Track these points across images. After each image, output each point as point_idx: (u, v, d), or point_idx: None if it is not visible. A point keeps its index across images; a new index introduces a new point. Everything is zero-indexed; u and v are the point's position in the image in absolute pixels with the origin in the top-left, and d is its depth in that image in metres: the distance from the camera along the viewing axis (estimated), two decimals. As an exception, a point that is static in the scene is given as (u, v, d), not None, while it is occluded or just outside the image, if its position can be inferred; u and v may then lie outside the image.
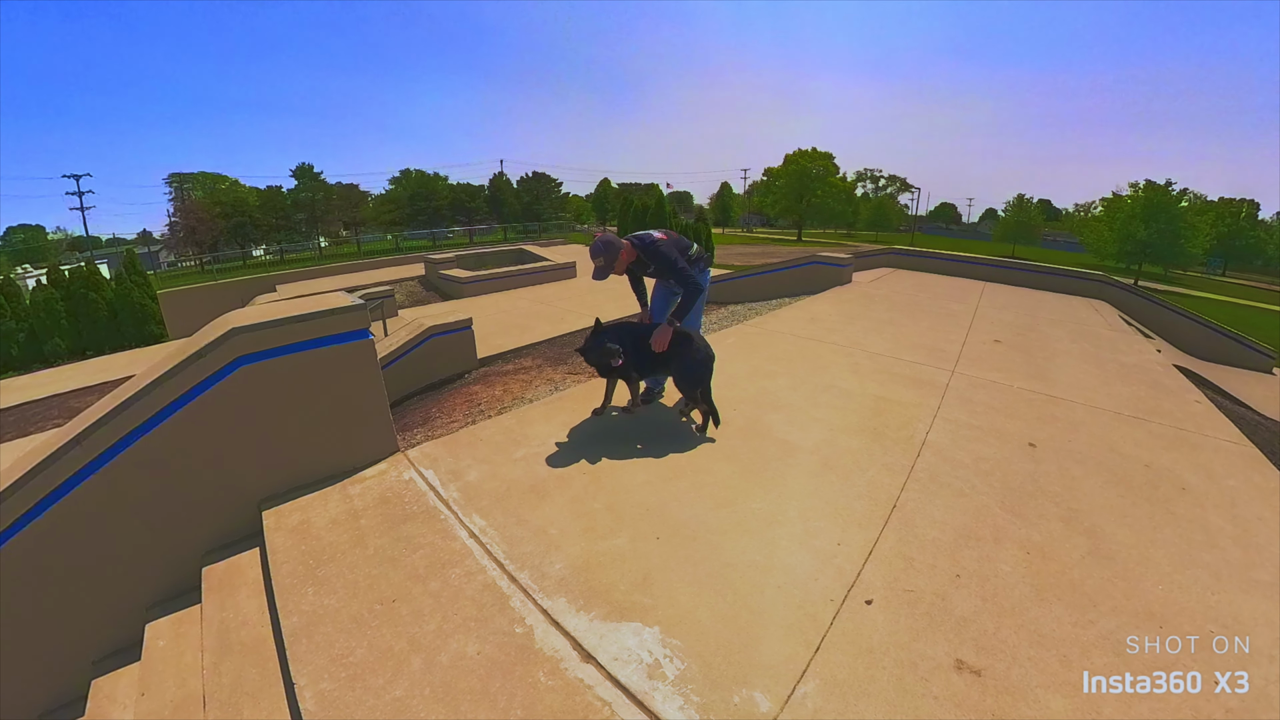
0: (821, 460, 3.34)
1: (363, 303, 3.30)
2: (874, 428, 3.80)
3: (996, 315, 8.21)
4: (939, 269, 13.14)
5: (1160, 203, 39.62)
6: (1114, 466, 3.55)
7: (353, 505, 3.01)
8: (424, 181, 63.41)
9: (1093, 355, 6.41)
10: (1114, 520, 2.94)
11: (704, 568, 2.40)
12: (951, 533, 2.72)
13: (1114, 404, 4.76)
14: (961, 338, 6.49)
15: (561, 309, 9.79)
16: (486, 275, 13.41)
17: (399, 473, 3.31)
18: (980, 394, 4.63)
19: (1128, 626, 2.21)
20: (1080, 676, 1.97)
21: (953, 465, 3.37)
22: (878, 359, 5.38)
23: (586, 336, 3.63)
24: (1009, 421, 4.11)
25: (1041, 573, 2.49)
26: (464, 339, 6.33)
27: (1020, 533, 2.76)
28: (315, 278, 18.52)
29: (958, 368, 5.29)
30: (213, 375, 2.86)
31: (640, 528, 2.66)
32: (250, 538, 3.04)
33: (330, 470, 3.28)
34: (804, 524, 2.72)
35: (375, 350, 3.39)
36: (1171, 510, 3.10)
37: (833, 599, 2.26)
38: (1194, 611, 2.34)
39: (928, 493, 3.05)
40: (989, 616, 2.21)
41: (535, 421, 3.95)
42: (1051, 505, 3.03)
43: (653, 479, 3.09)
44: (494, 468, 3.31)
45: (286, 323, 3.00)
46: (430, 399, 5.32)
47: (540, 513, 2.83)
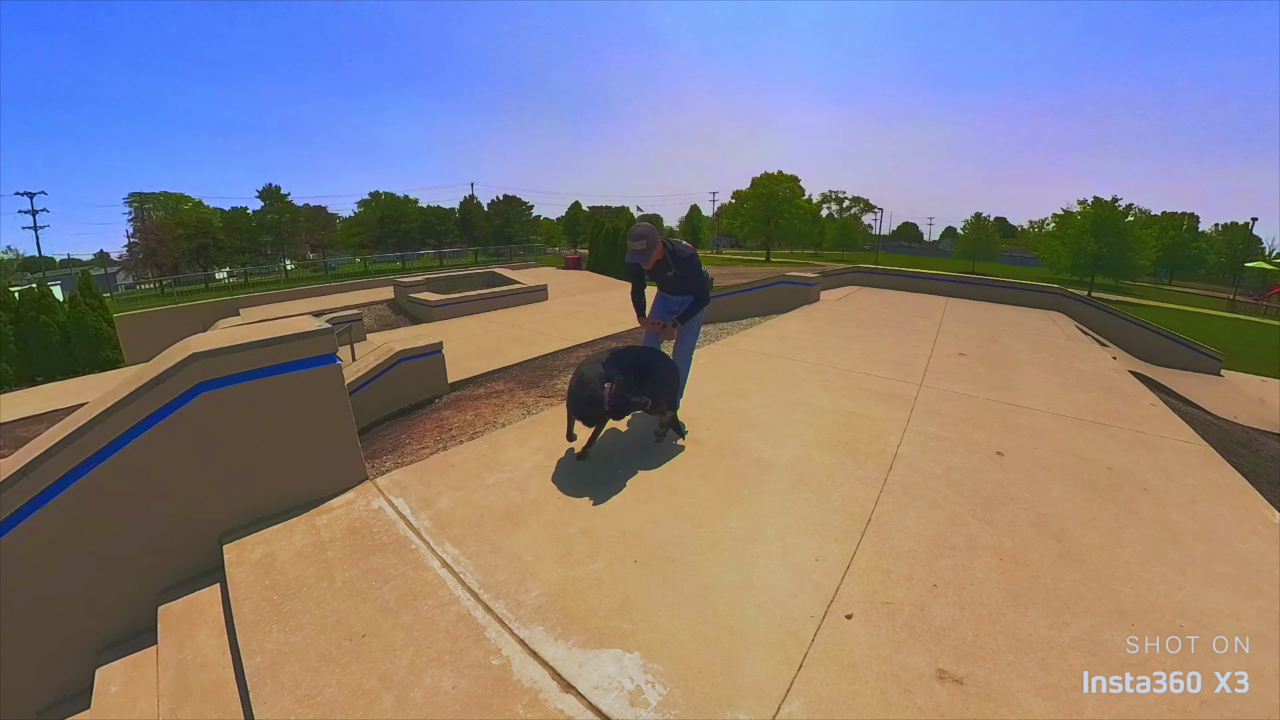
0: (796, 477, 3.36)
1: (330, 327, 3.23)
2: (846, 443, 3.85)
3: (960, 329, 8.45)
4: (903, 286, 13.53)
5: (1108, 218, 41.87)
6: (1078, 471, 3.66)
7: (319, 536, 2.92)
8: (393, 204, 62.90)
9: (1053, 365, 6.63)
10: (1082, 523, 3.02)
11: (683, 589, 2.38)
12: (926, 543, 2.75)
13: (1075, 410, 4.92)
14: (927, 352, 6.66)
15: (533, 332, 9.74)
16: (457, 298, 13.28)
17: (368, 502, 3.22)
18: (948, 406, 4.74)
19: (1101, 627, 2.26)
20: (1059, 678, 2.00)
21: (924, 477, 3.42)
22: (847, 375, 5.47)
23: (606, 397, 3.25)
24: (977, 431, 4.21)
25: (1016, 578, 2.53)
26: (434, 363, 6.25)
27: (993, 540, 2.81)
28: (281, 301, 17.94)
29: (925, 381, 5.41)
30: (171, 402, 2.76)
31: (617, 551, 2.63)
32: (210, 573, 2.91)
33: (296, 500, 3.17)
34: (781, 541, 2.73)
35: (343, 375, 3.33)
36: (1135, 510, 3.21)
37: (813, 615, 2.25)
38: (1163, 608, 2.41)
39: (901, 505, 3.09)
40: (967, 624, 2.24)
41: (508, 446, 3.90)
42: (1021, 511, 3.09)
43: (629, 501, 3.06)
44: (466, 494, 3.25)
45: (250, 347, 2.93)
46: (400, 425, 5.21)
47: (515, 539, 2.78)
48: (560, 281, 17.84)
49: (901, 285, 13.60)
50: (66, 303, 16.58)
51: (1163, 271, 61.37)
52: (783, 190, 62.93)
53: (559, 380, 6.06)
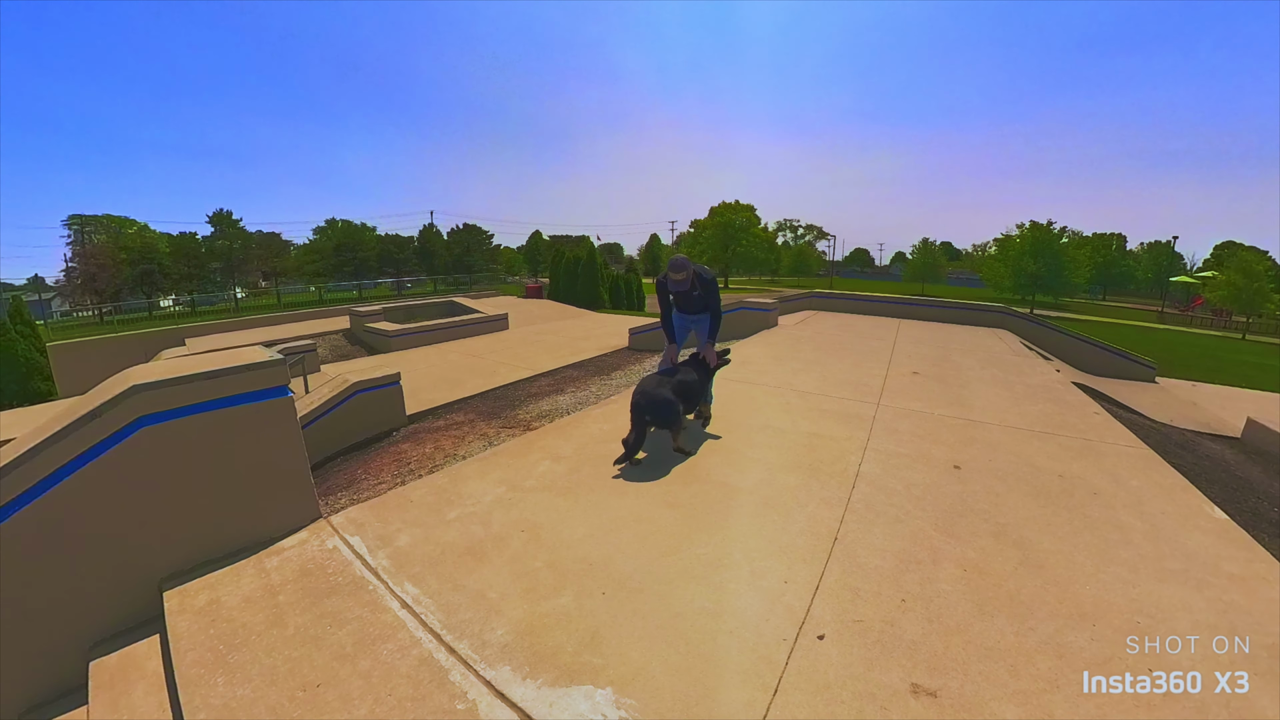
0: (762, 500, 3.38)
1: (282, 358, 3.13)
2: (809, 464, 3.90)
3: (913, 349, 8.73)
4: (858, 309, 13.93)
5: (1045, 240, 44.47)
6: (1032, 479, 3.79)
7: (270, 580, 2.77)
8: (351, 232, 61.27)
9: (1002, 379, 6.89)
10: (1039, 530, 3.12)
11: (653, 620, 2.34)
12: (892, 559, 2.78)
13: (1025, 422, 5.11)
14: (883, 372, 6.84)
15: (494, 361, 9.60)
16: (415, 328, 13.03)
17: (321, 541, 3.08)
18: (905, 423, 4.86)
19: (1064, 630, 2.32)
20: (1028, 683, 2.04)
21: (887, 494, 3.48)
22: (807, 397, 5.57)
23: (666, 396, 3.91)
24: (934, 447, 4.32)
25: (980, 588, 2.58)
26: (392, 395, 6.11)
27: (956, 552, 2.87)
28: (230, 331, 17.09)
29: (882, 400, 5.55)
30: (109, 438, 2.60)
31: (585, 584, 2.58)
32: (149, 623, 2.71)
33: (244, 541, 3.01)
34: (750, 565, 2.72)
35: (295, 409, 3.21)
36: (1087, 515, 3.33)
37: (785, 638, 2.24)
38: (1120, 607, 2.49)
39: (865, 522, 3.13)
40: (937, 637, 2.26)
41: (469, 479, 3.81)
42: (981, 522, 3.17)
43: (594, 532, 3.01)
44: (426, 531, 3.14)
45: (195, 379, 2.80)
46: (355, 460, 5.06)
47: (478, 576, 2.69)
48: (521, 310, 17.76)
49: (856, 308, 14.01)
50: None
51: (1096, 288, 65.17)
52: (740, 219, 64.69)
53: (520, 410, 6.00)
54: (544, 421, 5.35)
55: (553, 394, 6.75)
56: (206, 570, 2.84)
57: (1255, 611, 2.55)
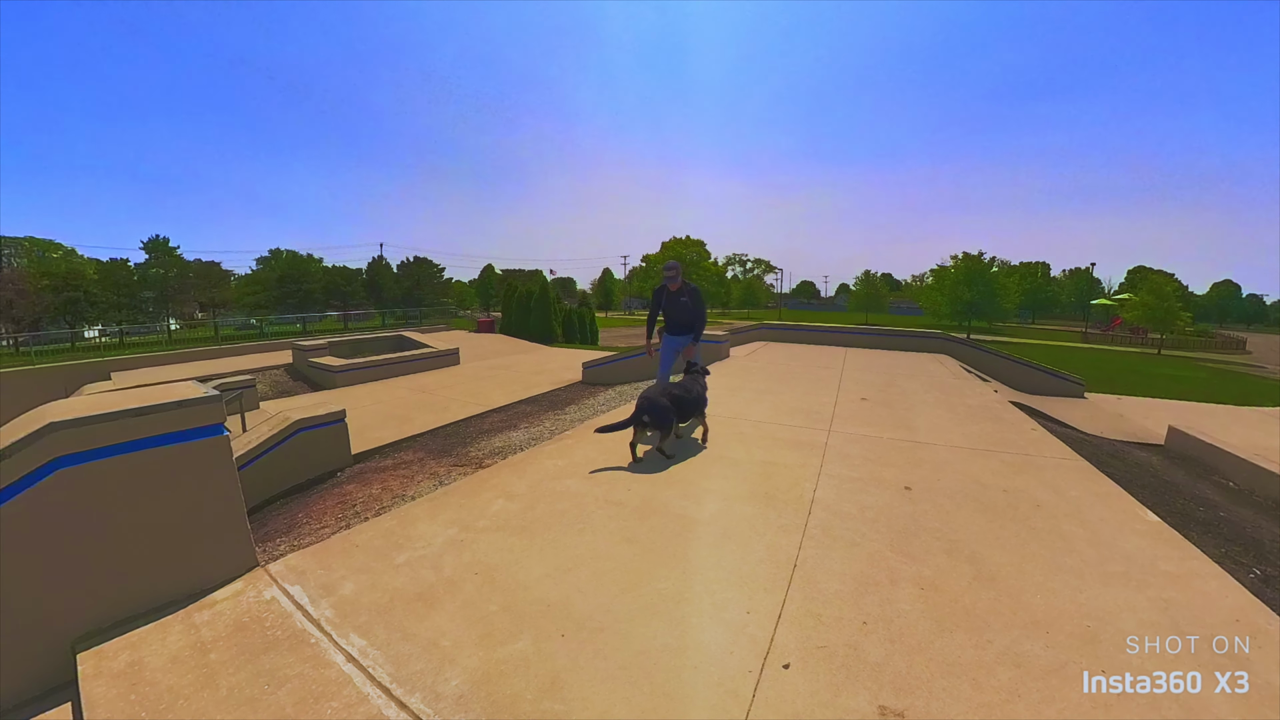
0: (720, 530, 3.36)
1: (218, 394, 2.94)
2: (765, 492, 3.92)
3: (860, 376, 9.00)
4: (806, 339, 14.32)
5: (977, 269, 47.27)
6: (979, 496, 3.91)
7: (200, 636, 2.54)
8: (296, 263, 58.99)
9: (944, 402, 7.16)
10: (988, 544, 3.20)
11: (615, 660, 2.26)
12: (851, 583, 2.80)
13: (969, 441, 5.30)
14: (833, 399, 7.01)
15: (445, 398, 9.39)
16: (362, 363, 12.62)
17: (258, 592, 2.86)
18: (856, 448, 4.97)
19: (1021, 640, 2.37)
20: (991, 695, 2.06)
21: (842, 518, 3.52)
22: (760, 426, 5.63)
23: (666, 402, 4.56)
24: (885, 470, 4.42)
25: (937, 605, 2.62)
26: (336, 433, 5.84)
27: (912, 571, 2.91)
28: (163, 364, 15.95)
29: (833, 427, 5.67)
30: (18, 482, 2.36)
31: (543, 626, 2.48)
32: (59, 689, 2.44)
33: (171, 594, 2.76)
34: (711, 597, 2.68)
35: (231, 449, 3.02)
36: (1032, 526, 3.45)
37: (750, 670, 2.21)
38: (1070, 613, 2.57)
39: (823, 547, 3.15)
40: (900, 657, 2.27)
41: (419, 521, 3.64)
42: (934, 540, 3.24)
43: (551, 571, 2.92)
44: (373, 577, 2.96)
45: (120, 416, 2.59)
46: (296, 503, 4.80)
47: (430, 623, 2.55)
48: (473, 345, 17.50)
49: (804, 339, 14.40)
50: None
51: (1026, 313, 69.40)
52: (690, 253, 66.39)
53: (472, 448, 5.85)
54: (497, 458, 5.23)
55: (506, 430, 6.63)
56: (128, 628, 2.59)
57: (1193, 606, 2.69)
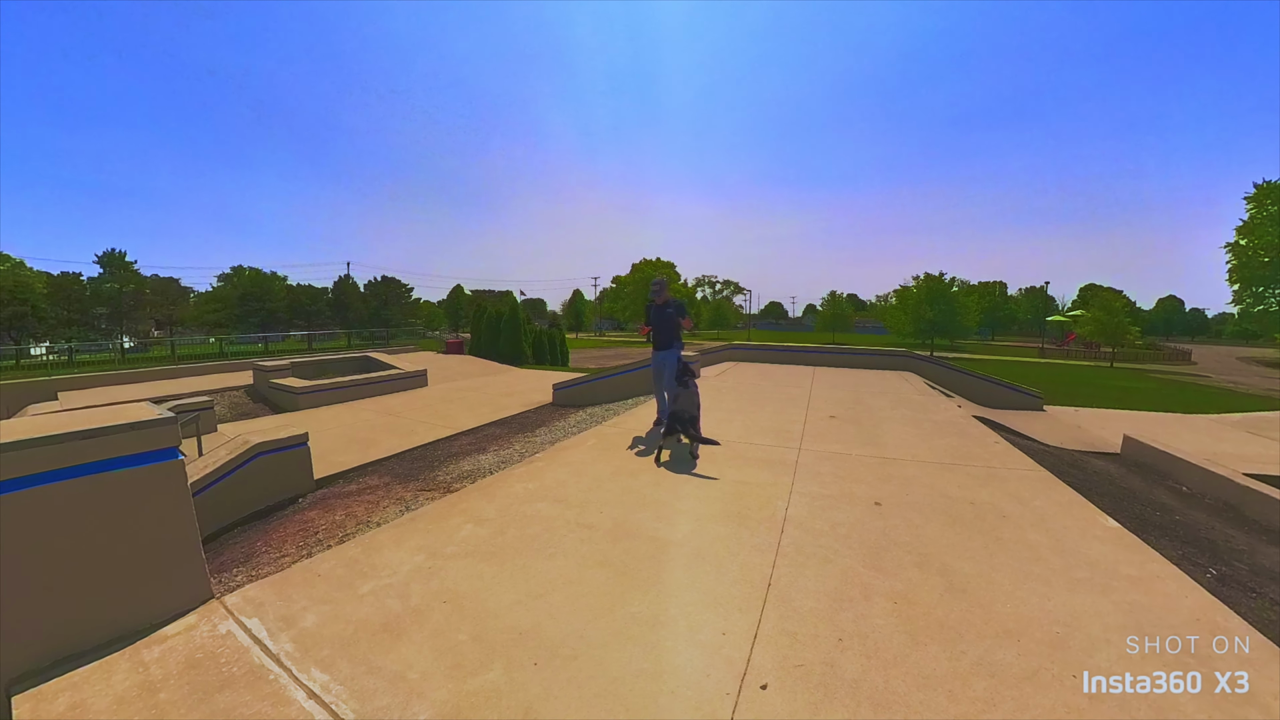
0: (693, 551, 3.33)
1: (172, 416, 2.81)
2: (738, 512, 3.91)
3: (828, 394, 9.12)
4: (775, 359, 14.49)
5: (938, 289, 48.88)
6: (947, 509, 3.97)
7: (149, 675, 2.37)
8: (259, 280, 57.61)
9: (911, 418, 7.29)
10: (958, 556, 3.24)
11: (590, 688, 2.20)
12: (826, 600, 2.79)
13: (935, 456, 5.39)
14: (802, 418, 7.08)
15: (411, 420, 9.11)
16: (326, 385, 12.10)
17: (213, 626, 2.70)
18: (826, 466, 5.01)
19: (993, 649, 2.39)
20: (967, 707, 2.06)
21: (814, 535, 3.52)
22: (732, 446, 5.63)
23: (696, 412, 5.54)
24: (855, 486, 4.46)
25: (911, 618, 2.63)
26: (298, 457, 5.60)
27: (885, 585, 2.92)
28: (115, 384, 14.77)
29: (803, 445, 5.71)
30: None
31: (514, 655, 2.40)
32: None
33: (118, 630, 2.57)
34: (686, 620, 2.64)
35: (185, 473, 2.87)
36: (999, 537, 3.51)
37: (728, 692, 2.17)
38: (1039, 620, 2.61)
39: (796, 566, 3.14)
40: (876, 672, 2.26)
41: (384, 548, 3.52)
42: (905, 554, 3.26)
43: (522, 598, 2.84)
44: (336, 608, 2.83)
45: (66, 439, 2.45)
46: (255, 530, 4.58)
47: (396, 655, 2.43)
48: (441, 366, 17.17)
49: (773, 358, 14.57)
50: None
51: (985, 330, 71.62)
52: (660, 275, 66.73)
53: (440, 471, 5.71)
54: (465, 482, 5.10)
55: (474, 453, 6.49)
56: (70, 666, 2.41)
57: (1156, 608, 2.75)
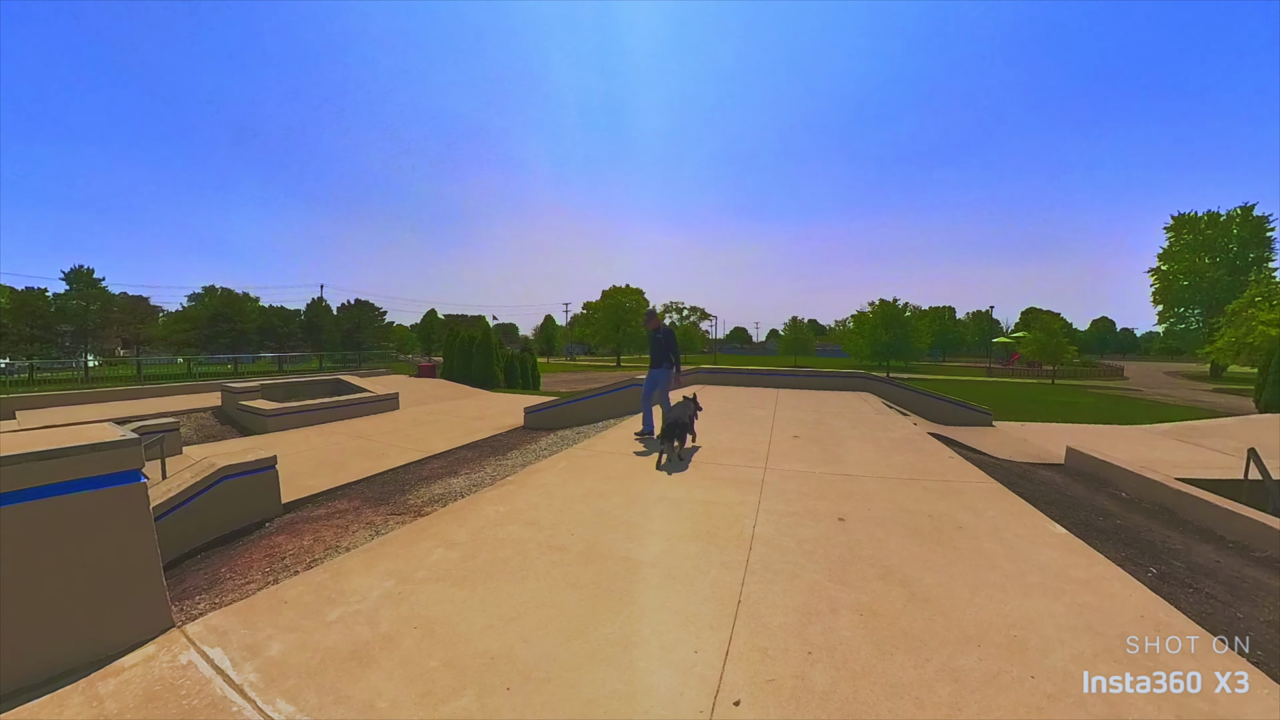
0: (664, 571, 3.33)
1: (136, 437, 2.70)
2: (707, 531, 3.93)
3: (791, 415, 9.27)
4: (740, 382, 14.68)
5: (892, 314, 50.95)
6: (906, 522, 4.08)
7: (104, 709, 2.23)
8: (230, 301, 56.18)
9: (870, 436, 7.47)
10: (919, 567, 3.33)
11: (563, 712, 2.17)
12: (794, 615, 2.82)
13: (894, 471, 5.54)
14: (767, 438, 7.17)
15: (383, 444, 8.91)
16: (296, 407, 11.80)
17: (173, 656, 2.56)
18: (790, 484, 5.08)
19: (955, 655, 2.45)
20: (932, 711, 2.11)
21: (781, 552, 3.56)
22: (699, 466, 5.67)
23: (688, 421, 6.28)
24: (819, 503, 4.53)
25: (876, 629, 2.68)
26: (265, 480, 5.41)
27: (850, 598, 2.97)
28: (77, 404, 14.23)
29: (769, 464, 5.79)
30: None
31: (487, 680, 2.34)
32: None
33: (71, 661, 2.42)
34: (659, 640, 2.63)
35: (148, 497, 2.75)
36: (957, 547, 3.62)
37: (702, 710, 2.17)
38: (998, 624, 2.70)
39: (765, 582, 3.17)
40: (846, 683, 2.29)
41: (353, 573, 3.40)
42: (868, 567, 3.33)
43: (494, 622, 2.78)
44: (303, 635, 2.72)
45: (21, 460, 2.33)
46: (219, 556, 4.39)
47: (365, 684, 2.35)
48: (413, 390, 16.82)
49: (738, 381, 14.76)
50: None
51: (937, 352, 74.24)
52: (629, 301, 67.01)
53: (411, 495, 5.59)
54: (436, 506, 5.02)
55: (446, 476, 6.38)
56: (18, 700, 2.26)
57: (1104, 608, 2.88)
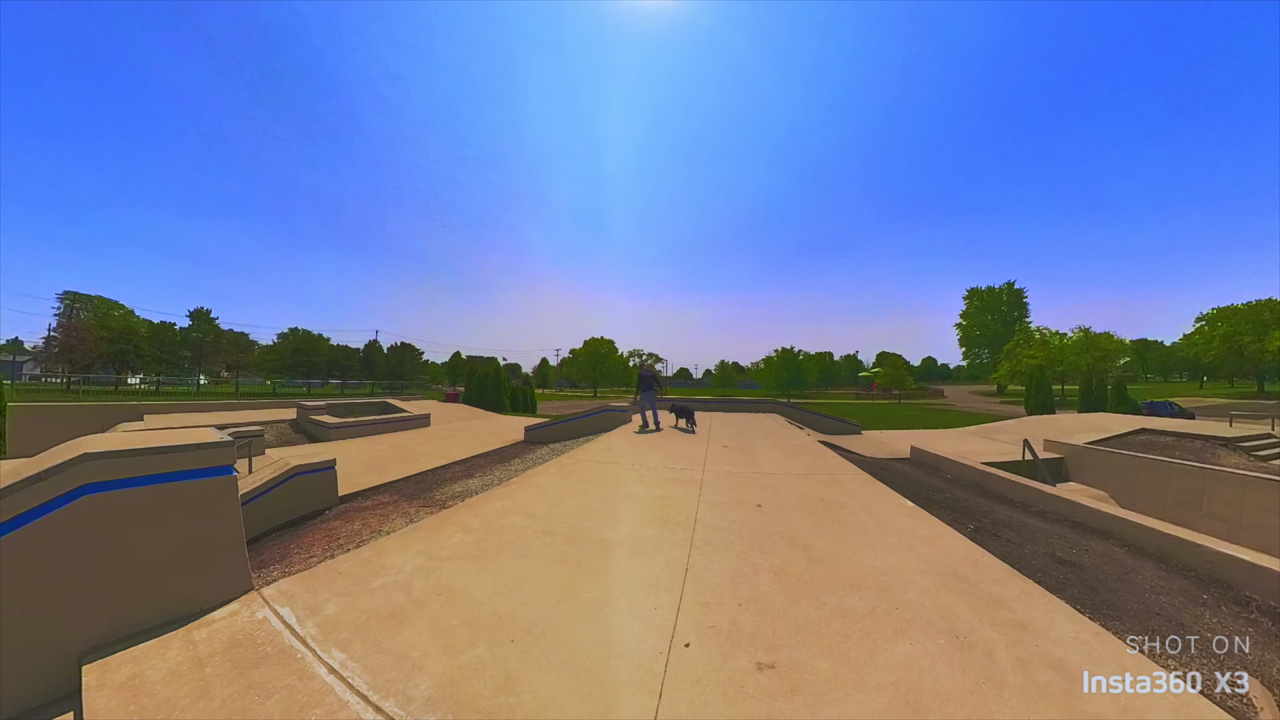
0: (630, 549, 3.26)
1: (230, 440, 2.55)
2: (662, 517, 3.88)
3: (722, 430, 9.34)
4: (681, 408, 14.71)
5: (790, 358, 53.96)
6: (805, 505, 4.14)
7: (197, 652, 2.07)
8: (308, 339, 55.07)
9: (777, 444, 7.58)
10: (816, 537, 3.37)
11: (555, 657, 2.10)
12: (727, 577, 2.81)
13: (795, 469, 5.62)
14: (704, 449, 7.19)
15: (416, 452, 8.41)
16: (353, 422, 11.07)
17: (252, 613, 2.39)
18: (722, 481, 5.09)
19: (844, 599, 2.50)
20: (831, 641, 2.12)
21: (716, 531, 3.55)
22: (655, 470, 5.64)
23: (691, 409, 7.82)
24: (743, 494, 4.55)
25: (786, 584, 2.70)
26: (327, 478, 5.07)
27: (768, 562, 2.98)
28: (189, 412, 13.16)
29: (706, 467, 5.79)
30: (48, 503, 1.94)
31: (495, 635, 2.25)
32: (63, 700, 1.90)
33: (173, 613, 2.28)
34: (627, 601, 2.58)
35: (237, 487, 2.59)
36: (840, 521, 3.69)
37: (661, 651, 2.13)
38: (871, 574, 2.76)
39: (705, 554, 3.14)
40: (766, 625, 2.30)
41: (392, 552, 3.23)
42: (780, 540, 3.35)
43: (500, 590, 2.67)
44: (353, 599, 2.57)
45: (145, 453, 2.21)
46: (289, 535, 4.05)
47: (400, 638, 2.23)
48: (441, 412, 16.11)
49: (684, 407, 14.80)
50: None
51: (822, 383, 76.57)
52: (604, 348, 68.02)
53: (437, 492, 5.32)
54: (457, 500, 4.78)
55: (464, 478, 6.09)
56: (131, 642, 2.09)
57: (941, 556, 2.99)
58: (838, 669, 1.98)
